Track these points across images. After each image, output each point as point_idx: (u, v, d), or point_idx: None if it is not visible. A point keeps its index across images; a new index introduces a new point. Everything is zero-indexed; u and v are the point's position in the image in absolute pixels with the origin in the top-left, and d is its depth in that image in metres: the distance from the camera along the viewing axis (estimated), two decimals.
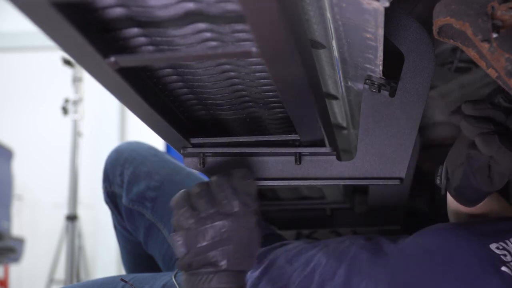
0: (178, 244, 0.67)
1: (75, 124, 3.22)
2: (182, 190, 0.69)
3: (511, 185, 1.23)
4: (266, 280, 0.81)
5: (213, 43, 0.51)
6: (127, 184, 1.17)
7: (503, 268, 0.67)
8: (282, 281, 0.80)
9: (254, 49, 0.43)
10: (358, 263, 0.77)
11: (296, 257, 0.84)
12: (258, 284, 0.81)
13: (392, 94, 0.70)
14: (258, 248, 0.70)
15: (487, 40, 0.54)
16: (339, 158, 0.74)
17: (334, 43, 0.61)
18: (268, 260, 0.85)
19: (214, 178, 0.69)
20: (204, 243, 0.66)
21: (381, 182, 0.72)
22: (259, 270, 0.83)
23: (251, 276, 0.83)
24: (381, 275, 0.73)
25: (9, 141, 3.23)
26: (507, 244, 0.72)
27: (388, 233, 0.88)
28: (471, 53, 0.59)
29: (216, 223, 0.66)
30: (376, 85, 0.68)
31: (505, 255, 0.69)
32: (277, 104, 0.67)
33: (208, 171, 0.76)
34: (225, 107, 0.69)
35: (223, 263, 0.66)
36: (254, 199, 0.69)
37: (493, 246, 0.71)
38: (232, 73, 0.60)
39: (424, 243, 0.74)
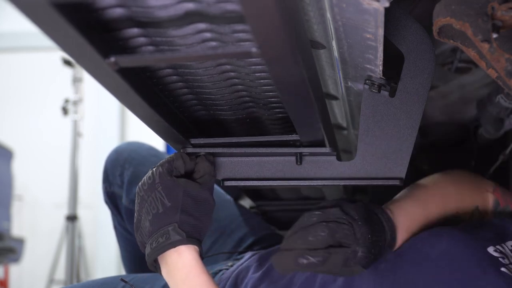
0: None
1: (75, 124, 3.22)
2: None
3: (511, 176, 1.24)
4: (267, 281, 0.81)
5: (213, 43, 0.51)
6: (127, 184, 1.17)
7: (503, 269, 0.68)
8: (283, 283, 0.80)
9: (254, 49, 0.43)
10: None
11: None
12: (259, 285, 0.81)
13: (392, 94, 0.70)
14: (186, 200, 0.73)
15: (487, 40, 0.54)
16: (339, 158, 0.74)
17: (334, 43, 0.61)
18: (269, 263, 0.85)
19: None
20: (147, 222, 0.73)
21: (381, 182, 0.72)
22: (261, 272, 0.83)
23: (252, 277, 0.83)
24: (381, 279, 0.73)
25: (9, 141, 3.22)
26: (503, 248, 0.73)
27: None
28: (471, 53, 0.59)
29: (149, 198, 0.73)
30: (376, 86, 0.68)
31: (503, 258, 0.70)
32: (277, 104, 0.67)
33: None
34: (225, 107, 0.69)
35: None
36: (175, 165, 0.73)
37: (490, 250, 0.71)
38: (232, 73, 0.60)
39: (422, 248, 0.74)
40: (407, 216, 0.77)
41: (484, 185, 0.87)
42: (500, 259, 0.70)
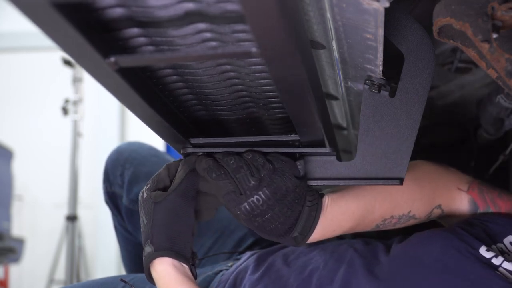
0: None
1: (75, 124, 3.22)
2: None
3: (511, 176, 1.24)
4: (264, 282, 0.81)
5: (213, 43, 0.51)
6: (128, 184, 1.17)
7: (497, 272, 0.68)
8: (280, 283, 0.80)
9: (254, 49, 0.43)
10: (355, 268, 0.77)
11: (294, 260, 0.84)
12: (257, 285, 0.81)
13: (392, 94, 0.70)
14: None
15: (487, 40, 0.54)
16: (339, 158, 0.74)
17: (334, 43, 0.61)
18: (267, 263, 0.85)
19: None
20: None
21: (381, 182, 0.72)
22: (259, 272, 0.83)
23: (250, 278, 0.83)
24: (377, 282, 0.73)
25: (9, 141, 3.23)
26: (496, 246, 0.73)
27: (386, 232, 0.87)
28: (471, 54, 0.59)
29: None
30: (376, 86, 0.68)
31: (496, 256, 0.70)
32: (277, 104, 0.67)
33: None
34: (225, 107, 0.69)
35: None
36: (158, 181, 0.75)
37: (482, 250, 0.71)
38: (232, 73, 0.60)
39: (416, 253, 0.75)
40: (340, 212, 0.76)
41: (457, 182, 0.83)
42: (492, 260, 0.70)
